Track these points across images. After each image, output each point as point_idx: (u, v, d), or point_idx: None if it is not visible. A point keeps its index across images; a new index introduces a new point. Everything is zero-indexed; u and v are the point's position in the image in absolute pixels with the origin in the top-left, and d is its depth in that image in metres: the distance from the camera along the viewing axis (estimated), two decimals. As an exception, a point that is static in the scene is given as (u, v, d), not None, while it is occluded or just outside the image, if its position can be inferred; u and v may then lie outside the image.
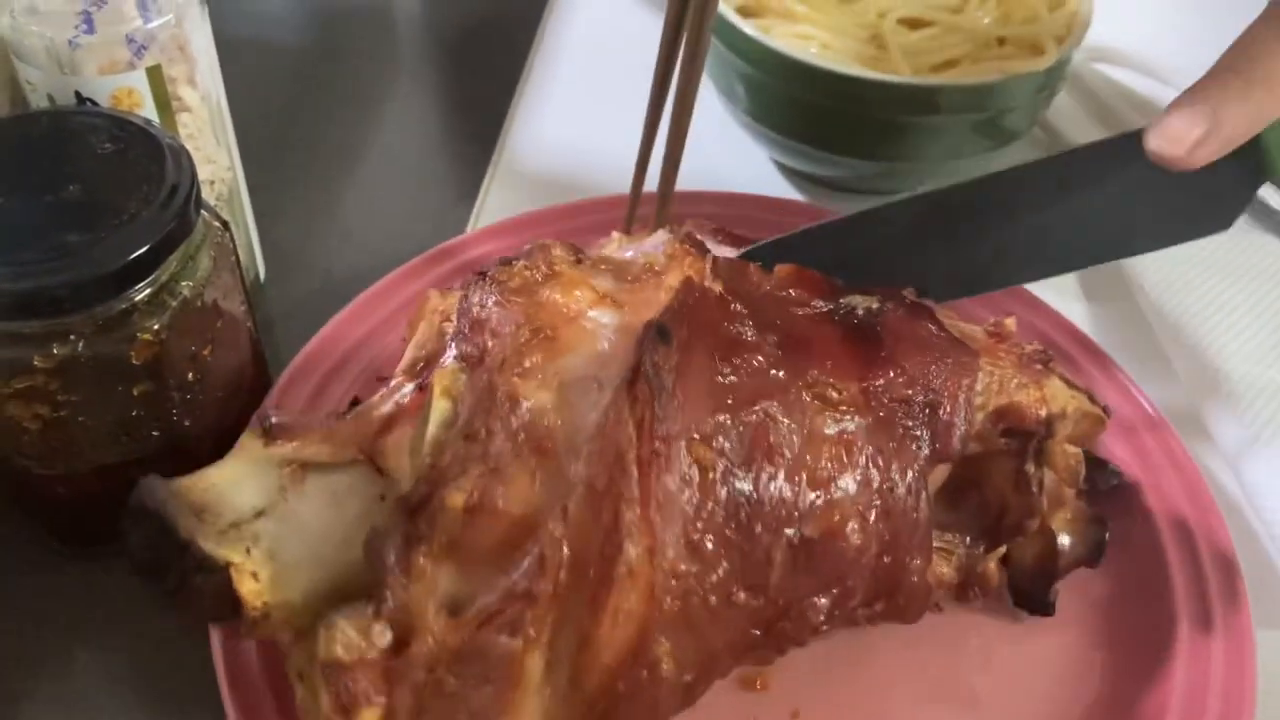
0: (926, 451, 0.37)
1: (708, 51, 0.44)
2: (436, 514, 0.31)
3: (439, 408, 0.34)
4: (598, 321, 0.35)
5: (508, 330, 0.34)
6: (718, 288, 0.37)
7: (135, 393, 0.38)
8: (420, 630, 0.31)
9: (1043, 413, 0.39)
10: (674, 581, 0.32)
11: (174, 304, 0.38)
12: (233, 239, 0.42)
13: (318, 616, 0.32)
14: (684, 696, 0.34)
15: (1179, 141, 0.37)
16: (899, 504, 0.36)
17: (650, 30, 0.45)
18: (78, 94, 0.42)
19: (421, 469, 0.33)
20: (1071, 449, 0.41)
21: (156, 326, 0.37)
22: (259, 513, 0.33)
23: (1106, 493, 0.44)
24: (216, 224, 0.41)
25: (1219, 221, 0.41)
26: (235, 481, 0.34)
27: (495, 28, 0.73)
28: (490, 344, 0.34)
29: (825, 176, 0.61)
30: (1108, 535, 0.42)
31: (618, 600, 0.31)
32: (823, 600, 0.36)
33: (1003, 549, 0.41)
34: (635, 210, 0.50)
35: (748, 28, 0.54)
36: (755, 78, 0.55)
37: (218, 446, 0.42)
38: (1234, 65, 0.37)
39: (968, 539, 0.41)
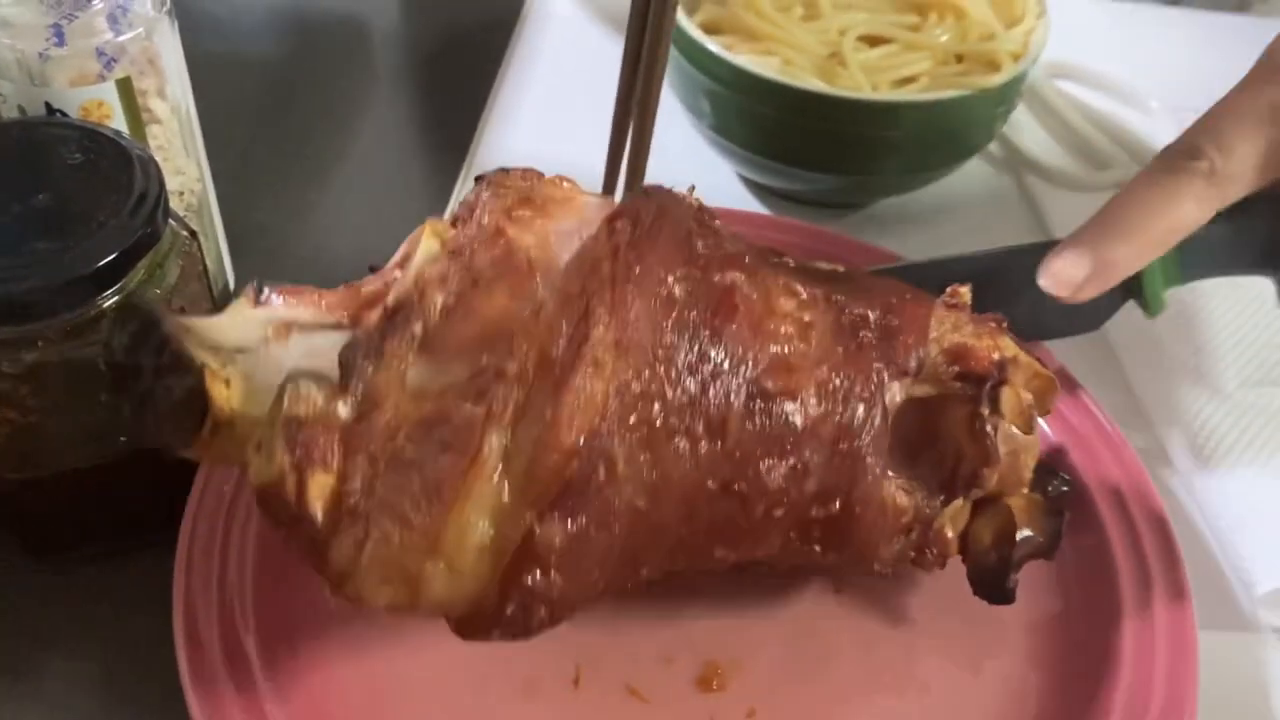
0: (883, 364, 0.38)
1: (667, 63, 0.45)
2: (413, 309, 0.32)
3: (425, 245, 0.35)
4: (586, 201, 0.37)
5: (501, 203, 0.36)
6: (695, 201, 0.39)
7: (103, 398, 0.39)
8: (384, 405, 0.31)
9: (995, 356, 0.39)
10: (635, 382, 0.33)
11: (142, 311, 0.39)
12: (200, 248, 0.42)
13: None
14: (635, 534, 0.34)
15: (1068, 283, 0.42)
16: (855, 395, 0.37)
17: (620, 45, 0.46)
18: (48, 105, 0.42)
19: (405, 286, 0.33)
20: (1024, 394, 0.42)
21: (124, 333, 0.38)
22: (239, 350, 0.33)
23: (1055, 498, 0.45)
24: (184, 233, 0.41)
25: (1091, 325, 0.48)
26: (221, 326, 0.34)
27: (468, 40, 0.74)
28: (480, 206, 0.36)
29: (789, 190, 0.62)
30: (1064, 525, 0.43)
31: (580, 383, 0.32)
32: (779, 466, 0.36)
33: (961, 504, 0.41)
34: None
35: (712, 45, 0.55)
36: (719, 94, 0.56)
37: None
38: (1116, 213, 0.42)
39: (924, 490, 0.40)
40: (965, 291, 0.42)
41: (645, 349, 0.33)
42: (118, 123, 0.43)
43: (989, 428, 0.38)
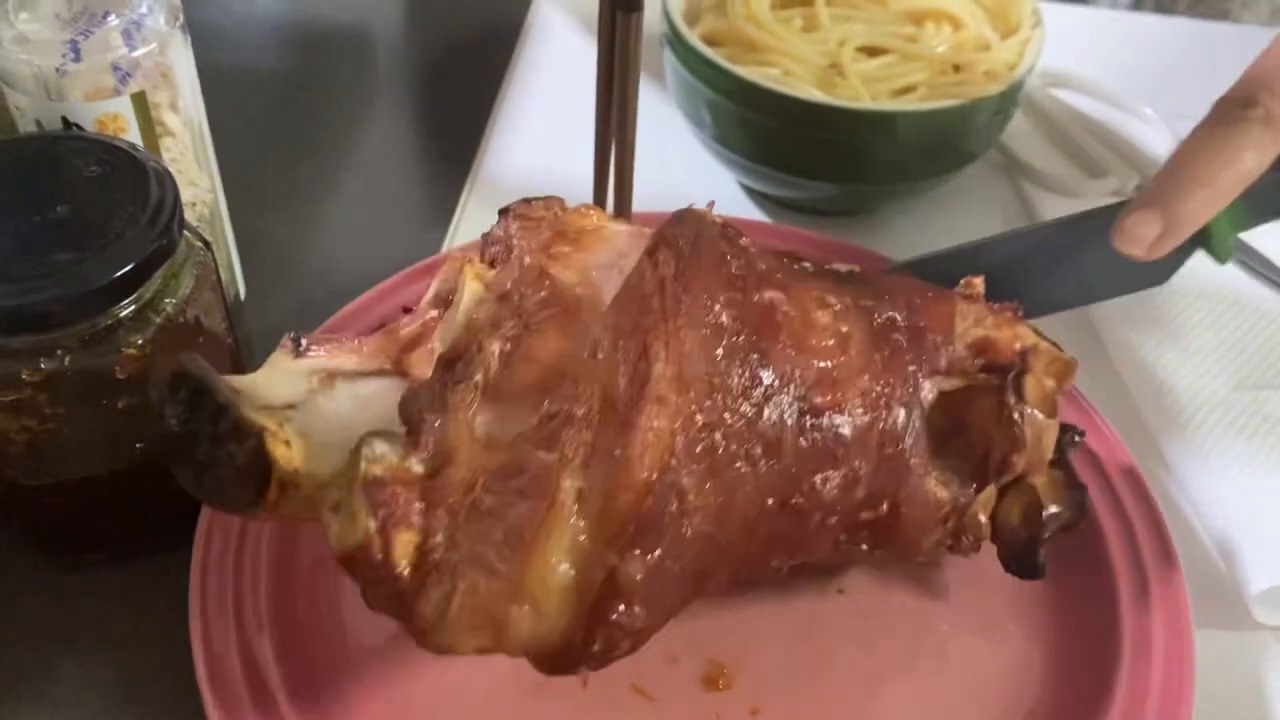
0: (917, 365, 0.39)
1: (639, 84, 0.46)
2: (473, 359, 0.33)
3: (470, 289, 0.35)
4: (616, 230, 0.38)
5: (534, 238, 0.37)
6: (719, 219, 0.39)
7: (120, 406, 0.40)
8: (458, 457, 0.31)
9: (1018, 346, 0.41)
10: (698, 414, 0.34)
11: (157, 320, 0.39)
12: (214, 258, 0.43)
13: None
14: (703, 557, 0.35)
15: (1140, 241, 0.43)
16: (896, 400, 0.38)
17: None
18: (65, 119, 0.43)
19: (455, 333, 0.34)
20: (1048, 381, 0.43)
21: (140, 342, 0.39)
22: (290, 406, 0.34)
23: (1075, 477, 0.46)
24: (199, 243, 0.42)
25: (1160, 278, 0.49)
26: (267, 383, 0.35)
27: (471, 52, 0.75)
28: (516, 245, 0.37)
29: (790, 198, 0.62)
30: (1086, 497, 0.43)
31: (648, 421, 0.33)
32: (833, 477, 0.37)
33: (992, 491, 0.42)
34: None
35: (713, 56, 0.56)
36: (720, 104, 0.57)
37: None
38: (1181, 168, 0.42)
39: (958, 480, 0.42)
40: (979, 282, 0.44)
41: (703, 380, 0.34)
42: (132, 136, 0.44)
43: (1016, 415, 0.40)
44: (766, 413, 0.36)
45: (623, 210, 0.50)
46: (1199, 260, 0.60)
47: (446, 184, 0.64)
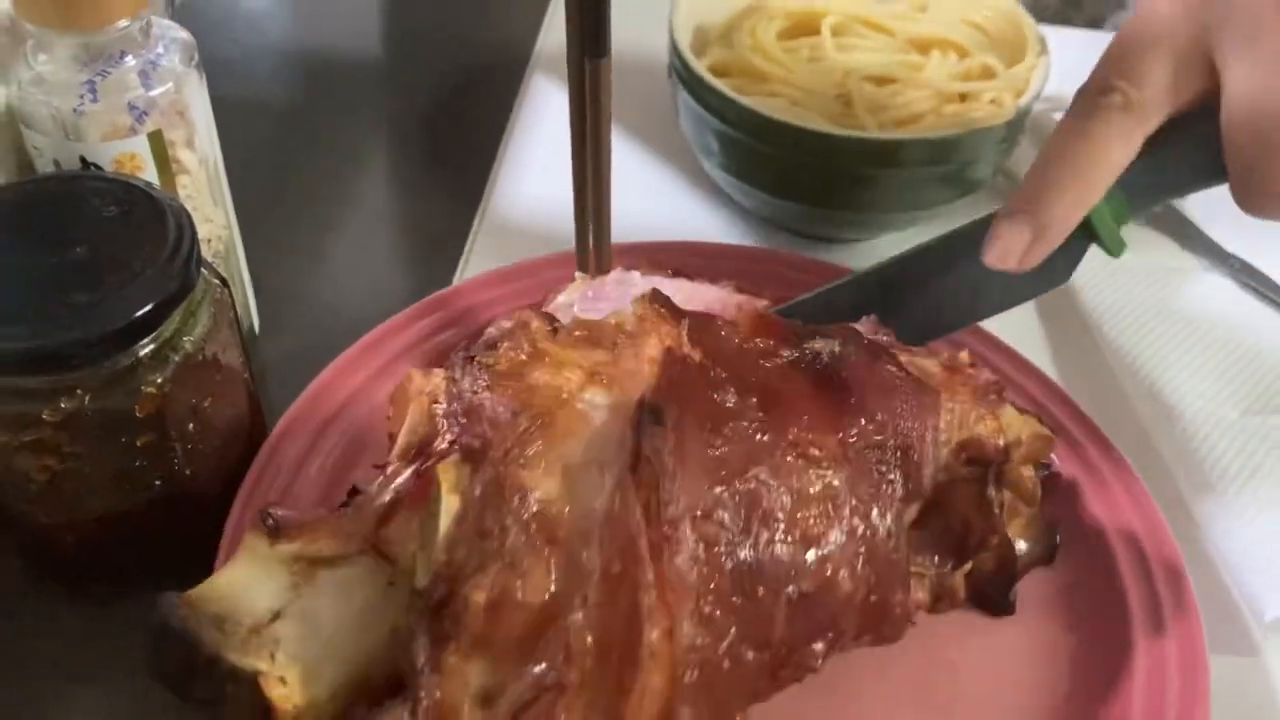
0: (901, 493, 0.39)
1: (610, 137, 0.47)
2: (461, 613, 0.32)
3: (448, 504, 0.34)
4: (590, 403, 0.36)
5: (504, 417, 0.35)
6: (696, 355, 0.38)
7: (138, 443, 0.40)
8: None
9: (1000, 442, 0.41)
10: (692, 655, 0.34)
11: (176, 359, 0.40)
12: (230, 295, 0.43)
13: (344, 709, 0.33)
14: None
15: (1013, 254, 0.42)
16: (881, 547, 0.38)
17: (632, 90, 0.47)
18: (82, 159, 0.44)
19: (437, 565, 0.33)
20: (1027, 472, 0.44)
21: (159, 380, 0.39)
22: (275, 614, 0.34)
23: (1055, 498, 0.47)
24: (216, 281, 0.42)
25: (1061, 277, 0.46)
26: (247, 585, 0.35)
27: (481, 85, 0.76)
28: (489, 433, 0.35)
29: (796, 226, 0.63)
30: (1059, 537, 0.45)
31: (644, 680, 0.33)
32: (820, 645, 0.38)
33: (969, 565, 0.43)
34: (585, 260, 0.52)
35: (720, 86, 0.56)
36: (727, 134, 0.57)
37: (217, 494, 0.44)
38: (1043, 171, 0.41)
39: (936, 559, 0.43)
40: (964, 356, 0.44)
41: (692, 612, 0.34)
42: (149, 174, 0.45)
43: (996, 507, 0.41)
44: (758, 614, 0.35)
45: (600, 251, 0.50)
46: (1207, 283, 0.61)
47: (457, 215, 0.65)
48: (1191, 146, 0.41)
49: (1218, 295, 0.60)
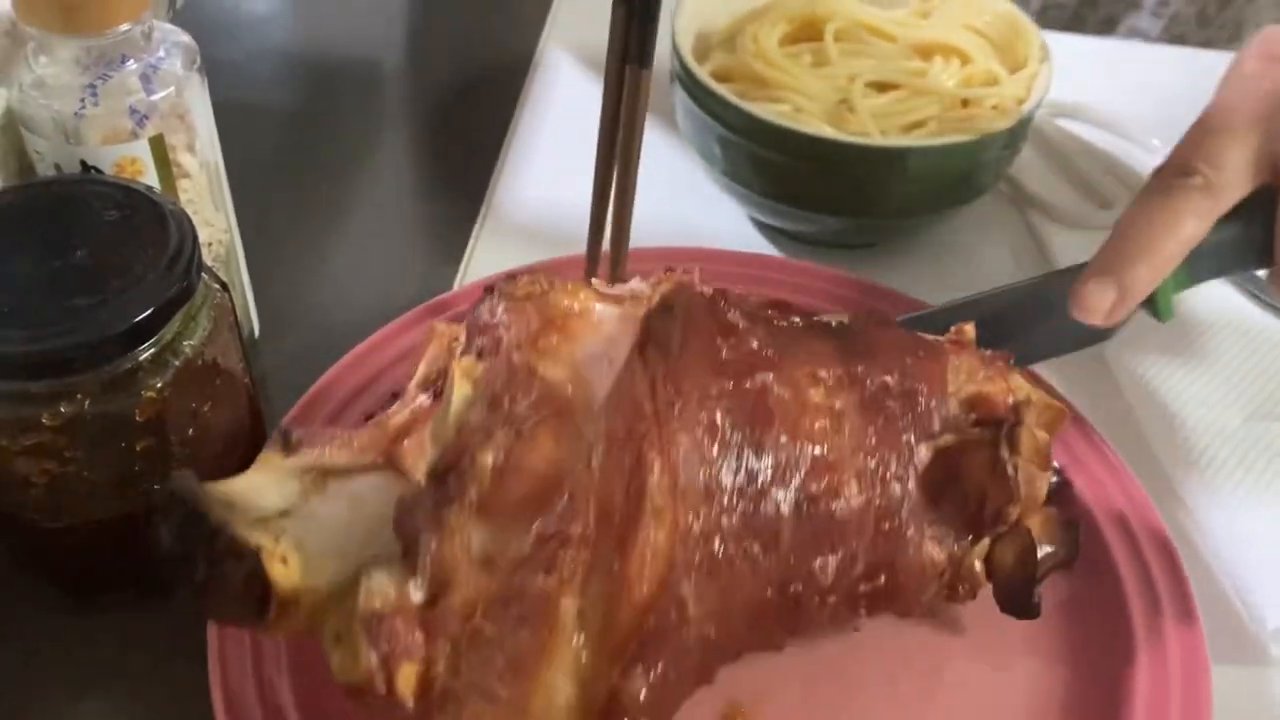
0: (910, 428, 0.39)
1: (643, 144, 0.47)
2: (465, 473, 0.33)
3: (460, 389, 0.35)
4: (603, 313, 0.38)
5: (519, 324, 0.36)
6: (708, 290, 0.39)
7: (138, 448, 0.40)
8: (455, 582, 0.32)
9: (1011, 400, 0.41)
10: (695, 523, 0.34)
11: (176, 363, 0.40)
12: (230, 299, 0.43)
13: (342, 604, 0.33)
14: (706, 655, 0.35)
15: (1098, 310, 0.44)
16: (891, 475, 0.38)
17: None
18: (83, 162, 0.44)
19: (447, 439, 0.34)
20: (1040, 433, 0.43)
21: (159, 385, 0.39)
22: (283, 513, 0.34)
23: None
24: (216, 285, 0.42)
25: (1104, 336, 0.49)
26: (258, 488, 0.35)
27: (481, 87, 0.76)
28: (503, 335, 0.36)
29: (799, 232, 0.63)
30: (1079, 535, 0.44)
31: (645, 535, 0.33)
32: (830, 561, 0.38)
33: (987, 541, 0.43)
34: (594, 267, 0.52)
35: (723, 92, 0.56)
36: (730, 140, 0.57)
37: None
38: (1127, 237, 0.44)
39: (953, 534, 0.43)
40: (969, 329, 0.44)
41: (698, 486, 0.34)
42: (150, 178, 0.45)
43: (1010, 469, 0.40)
44: (763, 507, 0.36)
45: (619, 263, 0.50)
46: (1210, 290, 0.61)
47: (458, 219, 0.65)
48: (1250, 234, 0.44)
49: (1221, 302, 0.60)
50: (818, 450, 0.37)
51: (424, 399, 0.37)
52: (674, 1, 0.61)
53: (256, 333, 0.56)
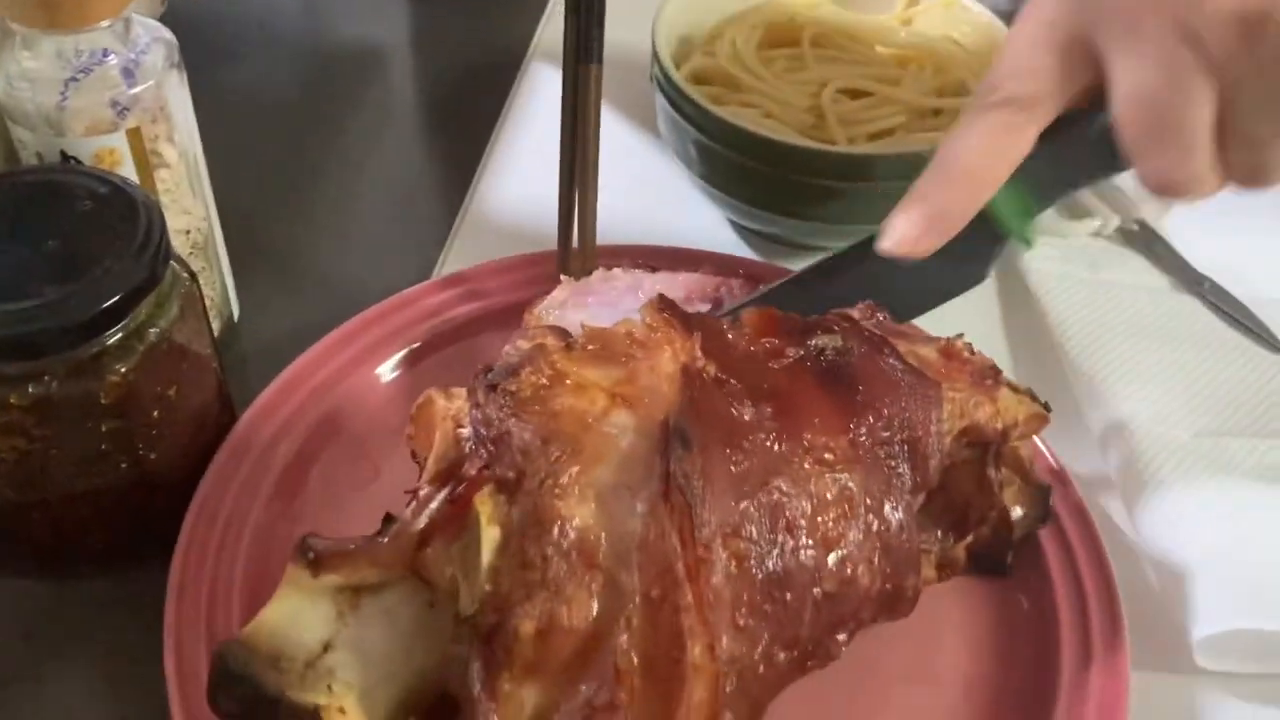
0: (910, 485, 0.41)
1: (599, 124, 0.49)
2: (511, 642, 0.34)
3: (489, 535, 0.35)
4: (615, 425, 0.38)
5: (534, 445, 0.37)
6: (711, 369, 0.40)
7: (104, 429, 0.42)
8: None
9: (999, 425, 0.43)
10: (731, 665, 0.36)
11: (142, 348, 0.42)
12: (199, 287, 0.45)
13: None
14: None
15: (905, 240, 0.43)
16: (895, 539, 0.40)
17: (619, 92, 0.49)
18: (64, 153, 0.45)
19: (483, 594, 0.35)
20: (1024, 451, 0.46)
21: (124, 369, 0.41)
22: (326, 645, 0.35)
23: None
24: (185, 274, 0.44)
25: (977, 276, 0.48)
26: (295, 619, 0.35)
27: (473, 79, 0.77)
28: (520, 462, 0.36)
29: (776, 234, 0.64)
30: (1050, 497, 0.47)
31: (689, 694, 0.34)
32: (842, 635, 0.40)
33: (970, 538, 0.46)
34: (566, 261, 0.54)
35: (697, 97, 0.57)
36: (705, 144, 0.58)
37: (184, 478, 0.45)
38: (938, 164, 0.43)
39: (939, 534, 0.45)
40: (960, 344, 0.45)
41: (729, 625, 0.36)
42: (128, 168, 0.46)
43: (995, 486, 0.43)
44: (787, 619, 0.37)
45: (586, 253, 0.52)
46: (1175, 302, 0.61)
47: (441, 209, 0.66)
48: (1089, 139, 0.42)
49: (1186, 316, 0.61)
50: (832, 555, 0.38)
51: (439, 500, 0.37)
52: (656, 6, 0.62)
53: (236, 316, 0.58)
